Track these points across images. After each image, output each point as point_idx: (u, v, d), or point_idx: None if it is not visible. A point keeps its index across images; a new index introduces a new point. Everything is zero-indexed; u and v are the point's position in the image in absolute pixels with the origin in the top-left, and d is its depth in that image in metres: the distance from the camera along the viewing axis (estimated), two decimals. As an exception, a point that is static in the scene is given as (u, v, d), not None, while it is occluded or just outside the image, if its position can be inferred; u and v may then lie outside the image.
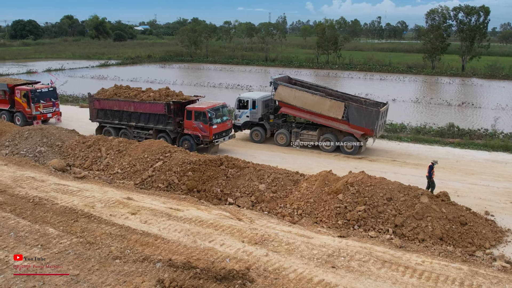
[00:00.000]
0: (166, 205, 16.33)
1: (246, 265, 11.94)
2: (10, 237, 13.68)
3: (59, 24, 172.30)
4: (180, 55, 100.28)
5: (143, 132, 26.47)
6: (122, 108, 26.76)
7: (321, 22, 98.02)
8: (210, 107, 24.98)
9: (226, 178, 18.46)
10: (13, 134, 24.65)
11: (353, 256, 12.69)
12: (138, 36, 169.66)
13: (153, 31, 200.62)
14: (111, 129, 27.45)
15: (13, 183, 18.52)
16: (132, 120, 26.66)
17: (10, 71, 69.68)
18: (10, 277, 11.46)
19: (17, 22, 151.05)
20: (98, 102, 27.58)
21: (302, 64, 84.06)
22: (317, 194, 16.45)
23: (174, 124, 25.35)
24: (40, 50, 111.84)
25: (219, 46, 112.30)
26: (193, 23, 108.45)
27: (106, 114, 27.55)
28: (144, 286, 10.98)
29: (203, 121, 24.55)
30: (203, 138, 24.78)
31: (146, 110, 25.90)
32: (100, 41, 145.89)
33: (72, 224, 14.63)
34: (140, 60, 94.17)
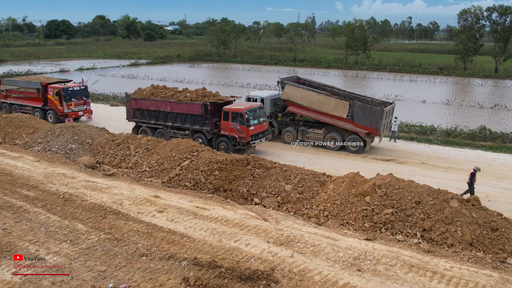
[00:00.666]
0: (193, 204, 16.44)
1: (271, 265, 11.92)
2: (40, 232, 14.00)
3: (92, 24, 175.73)
4: (209, 55, 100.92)
5: (179, 133, 26.40)
6: (159, 108, 26.82)
7: (350, 22, 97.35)
8: (248, 108, 24.74)
9: (253, 178, 18.48)
10: (45, 131, 25.25)
11: (379, 260, 12.51)
12: (168, 36, 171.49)
13: (183, 31, 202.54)
14: (147, 129, 27.61)
15: (45, 179, 18.95)
16: (168, 120, 26.71)
17: (44, 69, 71.49)
18: (41, 271, 11.72)
19: (52, 22, 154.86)
20: (135, 101, 27.77)
21: (331, 64, 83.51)
22: (344, 196, 16.30)
23: (211, 125, 25.26)
24: (73, 49, 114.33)
25: (248, 46, 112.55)
26: (222, 23, 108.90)
27: (142, 114, 27.72)
28: (170, 284, 11.08)
29: (240, 122, 24.29)
30: (240, 139, 24.53)
31: (183, 110, 25.90)
32: (131, 40, 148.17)
33: (101, 220, 14.87)
34: (169, 60, 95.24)
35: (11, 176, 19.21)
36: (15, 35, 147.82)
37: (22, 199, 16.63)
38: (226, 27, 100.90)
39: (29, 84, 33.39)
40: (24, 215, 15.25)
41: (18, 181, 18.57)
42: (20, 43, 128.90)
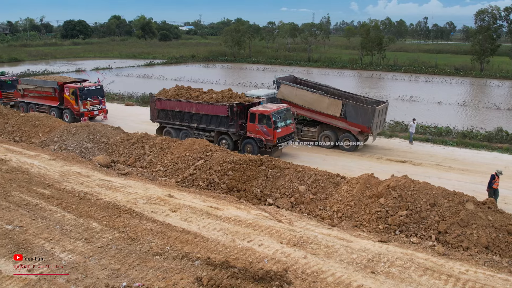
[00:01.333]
0: (206, 204, 16.49)
1: (284, 266, 11.90)
2: (56, 230, 14.15)
3: (107, 24, 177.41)
4: (223, 55, 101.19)
5: (204, 134, 26.07)
6: (183, 109, 26.53)
7: (365, 22, 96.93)
8: (275, 110, 24.21)
9: (266, 178, 18.46)
10: (61, 130, 25.53)
11: (393, 262, 12.42)
12: (182, 36, 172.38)
13: (198, 31, 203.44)
14: (171, 129, 27.35)
15: (60, 177, 19.16)
16: (193, 122, 26.41)
17: (60, 69, 72.28)
18: (56, 268, 11.84)
19: (68, 22, 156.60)
20: (160, 102, 27.48)
21: (345, 65, 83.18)
22: (358, 197, 16.20)
23: (237, 126, 24.87)
24: (89, 49, 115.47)
25: (262, 47, 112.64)
26: (236, 24, 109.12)
27: (167, 115, 27.47)
28: (183, 284, 11.12)
29: (267, 125, 23.84)
30: (267, 142, 24.05)
31: (209, 111, 25.57)
32: (146, 40, 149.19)
33: (115, 219, 14.98)
34: (184, 60, 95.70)
35: (28, 175, 19.46)
36: (32, 35, 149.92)
37: (38, 197, 16.83)
38: (241, 27, 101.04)
39: (46, 84, 33.76)
40: (40, 213, 15.43)
41: (34, 180, 18.80)
42: (38, 43, 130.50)
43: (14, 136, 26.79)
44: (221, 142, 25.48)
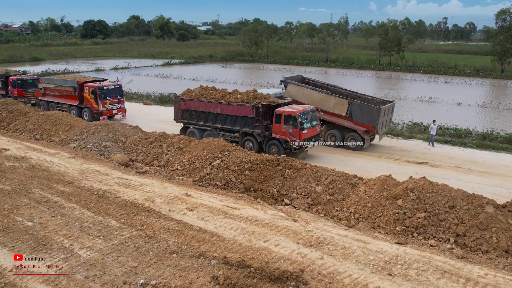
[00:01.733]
0: (223, 203, 16.55)
1: (300, 267, 11.89)
2: (75, 227, 14.34)
3: (127, 24, 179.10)
4: (241, 55, 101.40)
5: (228, 135, 25.84)
6: (208, 109, 26.29)
7: (384, 22, 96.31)
8: (301, 111, 23.85)
9: (283, 178, 18.45)
10: (81, 129, 25.86)
11: (411, 265, 12.32)
12: (200, 36, 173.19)
13: (216, 31, 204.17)
14: (195, 130, 27.15)
15: (80, 175, 19.42)
16: (218, 122, 26.17)
17: (80, 68, 73.23)
18: (75, 265, 12.00)
19: (88, 22, 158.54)
20: (184, 102, 27.26)
21: (363, 65, 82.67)
22: (375, 199, 16.10)
23: (262, 127, 24.53)
24: (108, 49, 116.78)
25: (280, 47, 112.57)
26: (254, 24, 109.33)
27: (191, 115, 27.25)
28: (199, 282, 11.18)
29: (293, 126, 23.49)
30: (292, 143, 23.72)
31: (233, 112, 25.32)
32: (165, 40, 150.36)
33: (133, 217, 15.13)
34: (202, 60, 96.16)
35: (48, 172, 19.76)
36: (53, 35, 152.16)
37: (58, 195, 17.07)
38: (259, 27, 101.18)
39: (66, 83, 34.22)
40: (59, 210, 15.65)
41: (54, 177, 19.08)
42: (58, 42, 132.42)
43: (35, 134, 27.23)
44: (246, 143, 25.27)
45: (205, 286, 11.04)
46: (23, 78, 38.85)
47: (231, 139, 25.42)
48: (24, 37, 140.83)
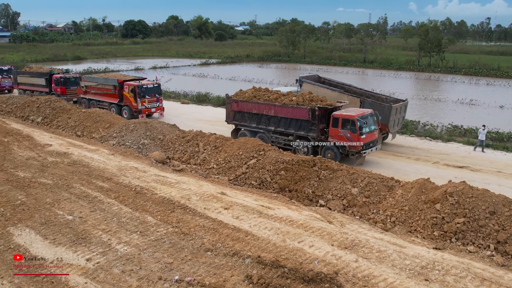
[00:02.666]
0: (258, 203, 16.59)
1: (334, 269, 11.79)
2: (113, 222, 14.67)
3: (166, 24, 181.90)
4: (277, 55, 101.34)
5: (282, 138, 25.27)
6: (261, 111, 25.69)
7: (424, 23, 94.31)
8: (360, 115, 22.90)
9: (319, 179, 18.34)
10: (120, 126, 26.44)
11: (448, 271, 12.02)
12: (238, 36, 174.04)
13: (253, 31, 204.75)
14: (247, 132, 26.54)
15: (118, 172, 19.85)
16: (271, 124, 25.54)
17: (120, 67, 74.88)
18: (113, 259, 12.27)
19: (129, 22, 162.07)
20: (236, 104, 26.79)
21: (402, 66, 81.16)
22: (412, 202, 15.80)
23: (317, 131, 23.75)
24: (148, 48, 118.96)
25: (317, 47, 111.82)
26: (292, 24, 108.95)
27: (243, 117, 26.76)
28: (233, 281, 11.24)
29: (351, 130, 22.60)
30: (350, 148, 22.89)
31: (288, 114, 24.64)
32: (202, 40, 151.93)
33: (169, 214, 15.35)
34: (239, 60, 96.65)
35: (88, 168, 20.29)
36: (95, 34, 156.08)
37: (97, 190, 17.51)
38: (296, 28, 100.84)
39: (107, 81, 34.98)
40: (98, 205, 16.05)
41: (94, 173, 19.57)
42: (100, 42, 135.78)
43: (76, 131, 28.01)
44: (301, 147, 24.50)
45: (238, 284, 11.09)
46: (66, 76, 40.03)
47: (284, 142, 25.03)
48: (67, 37, 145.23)
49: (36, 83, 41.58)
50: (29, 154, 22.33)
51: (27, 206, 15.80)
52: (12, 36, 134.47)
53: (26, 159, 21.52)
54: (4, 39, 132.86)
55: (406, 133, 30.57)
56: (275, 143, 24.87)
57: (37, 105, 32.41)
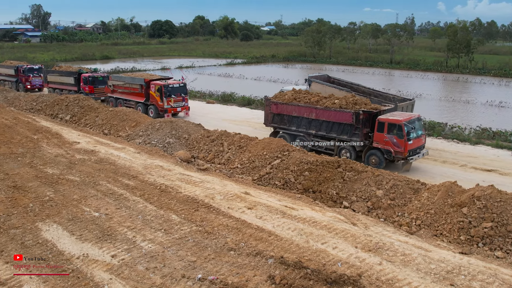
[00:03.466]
0: (282, 203, 16.57)
1: (358, 271, 11.69)
2: (138, 220, 14.86)
3: (192, 24, 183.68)
4: (303, 55, 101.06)
5: (323, 142, 24.66)
6: (302, 114, 25.17)
7: (452, 23, 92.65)
8: (407, 120, 22.08)
9: (343, 181, 18.22)
10: (146, 125, 26.78)
11: (475, 276, 11.78)
12: (263, 36, 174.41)
13: (278, 31, 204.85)
14: (286, 135, 25.92)
15: (144, 170, 20.09)
16: (311, 128, 24.94)
17: (147, 67, 75.83)
18: (137, 256, 12.43)
19: (156, 23, 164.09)
20: (276, 106, 26.31)
21: (430, 67, 79.92)
22: (438, 206, 15.55)
23: (361, 135, 23.10)
24: (174, 48, 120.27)
25: (343, 47, 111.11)
26: (318, 24, 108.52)
27: (282, 120, 26.26)
28: (255, 280, 11.25)
29: (397, 135, 21.80)
30: (396, 154, 22.01)
31: (330, 118, 23.97)
32: (228, 40, 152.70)
33: (193, 213, 15.46)
34: (264, 60, 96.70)
35: (114, 166, 20.60)
36: (123, 34, 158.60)
37: (123, 188, 17.76)
38: (322, 28, 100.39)
39: (134, 80, 35.44)
40: (124, 202, 16.27)
41: (120, 171, 19.87)
42: (127, 41, 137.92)
43: (104, 129, 28.48)
44: (343, 151, 23.94)
45: (261, 284, 11.10)
46: (94, 75, 40.78)
47: (326, 146, 24.45)
48: (96, 36, 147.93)
49: (65, 81, 42.47)
50: (57, 152, 22.80)
51: (55, 202, 16.14)
52: (43, 36, 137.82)
53: (54, 156, 21.98)
54: (36, 39, 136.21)
55: (433, 135, 30.09)
56: (316, 147, 24.60)
57: (66, 103, 33.08)
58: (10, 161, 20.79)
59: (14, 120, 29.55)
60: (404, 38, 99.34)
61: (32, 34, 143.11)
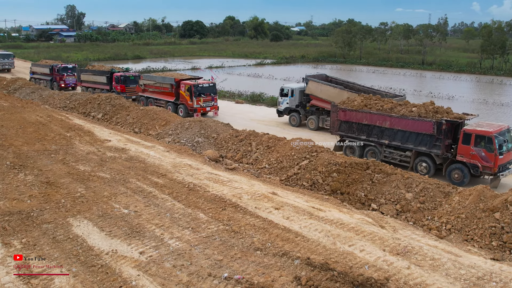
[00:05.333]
0: (309, 204, 16.49)
1: (385, 275, 11.53)
2: (166, 217, 15.02)
3: (222, 24, 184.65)
4: (333, 56, 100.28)
5: (397, 153, 22.95)
6: (374, 122, 23.53)
7: (487, 23, 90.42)
8: (497, 131, 20.20)
9: (372, 183, 18.02)
10: (176, 124, 27.08)
11: (507, 283, 11.46)
12: (293, 37, 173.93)
13: (308, 32, 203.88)
14: (354, 144, 24.54)
15: (173, 168, 20.31)
16: (384, 138, 23.20)
17: (177, 67, 76.70)
18: (165, 253, 12.56)
19: (187, 23, 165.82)
20: (344, 113, 24.79)
21: (463, 69, 78.12)
22: (470, 210, 15.21)
23: (443, 147, 21.32)
24: (204, 48, 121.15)
25: (374, 48, 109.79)
26: (348, 24, 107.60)
27: (351, 128, 24.62)
28: (281, 281, 11.23)
29: (486, 148, 19.99)
30: (484, 169, 20.21)
31: (407, 127, 22.27)
32: (258, 41, 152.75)
33: (220, 212, 15.53)
34: (294, 60, 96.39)
35: (144, 164, 20.89)
36: (154, 34, 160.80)
37: (152, 186, 17.98)
38: (353, 28, 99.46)
39: (164, 80, 35.90)
40: (153, 200, 16.48)
41: (149, 169, 20.13)
42: (158, 42, 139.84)
43: (134, 128, 28.93)
44: (420, 164, 22.24)
45: (287, 285, 11.07)
46: (125, 75, 41.45)
47: (400, 158, 22.84)
48: (128, 37, 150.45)
49: (98, 81, 43.32)
50: (89, 149, 23.27)
51: (86, 198, 16.48)
52: (77, 35, 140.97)
53: (86, 153, 22.44)
54: (70, 39, 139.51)
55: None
56: (389, 158, 23.10)
57: (98, 102, 33.75)
58: (44, 158, 21.34)
59: (48, 118, 30.32)
60: (437, 39, 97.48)
61: (67, 34, 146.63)
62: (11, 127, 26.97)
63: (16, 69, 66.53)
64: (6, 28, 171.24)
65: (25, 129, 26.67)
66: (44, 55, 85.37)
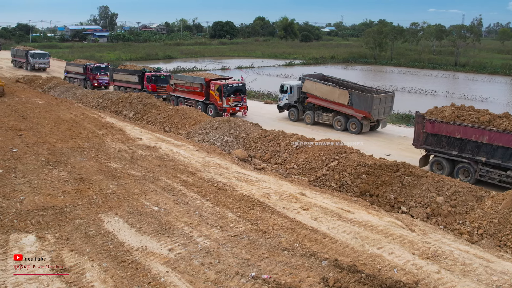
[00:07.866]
0: (337, 205, 16.41)
1: (414, 279, 11.39)
2: (195, 215, 15.18)
3: (252, 25, 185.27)
4: (363, 57, 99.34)
5: (496, 172, 20.22)
6: (468, 136, 20.87)
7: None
8: None
9: (401, 185, 17.79)
10: (205, 124, 27.31)
11: (541, 290, 11.18)
12: (323, 37, 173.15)
13: (339, 32, 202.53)
14: (442, 160, 22.07)
15: (202, 167, 20.50)
16: (480, 154, 20.58)
17: (207, 67, 77.32)
18: (193, 251, 12.69)
19: (217, 23, 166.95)
20: (432, 125, 22.15)
21: (497, 70, 76.28)
22: (503, 215, 14.84)
23: None
24: (234, 48, 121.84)
25: (405, 49, 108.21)
26: (379, 25, 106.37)
27: (439, 141, 22.07)
28: (309, 282, 11.21)
29: None
30: None
31: (510, 143, 19.65)
32: (288, 41, 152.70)
33: (248, 211, 15.60)
34: (323, 61, 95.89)
35: (174, 162, 21.15)
36: (185, 34, 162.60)
37: (182, 184, 18.19)
38: (384, 29, 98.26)
39: (194, 80, 36.21)
40: (182, 198, 16.67)
41: (179, 167, 20.37)
42: (189, 42, 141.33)
43: (164, 127, 29.32)
44: None
45: (314, 286, 11.04)
46: (157, 74, 42.00)
47: (500, 179, 20.14)
48: (159, 37, 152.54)
49: (130, 80, 44.03)
50: (120, 147, 23.71)
51: (117, 195, 16.80)
52: (110, 36, 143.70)
53: (118, 151, 22.86)
54: (103, 39, 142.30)
55: None
56: (486, 178, 20.55)
57: (130, 101, 34.31)
58: (77, 155, 21.85)
59: (81, 116, 31.02)
60: (470, 40, 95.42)
61: (100, 34, 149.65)
62: (46, 125, 27.73)
63: (51, 68, 68.22)
64: (42, 29, 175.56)
65: (59, 127, 27.37)
66: (78, 54, 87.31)
